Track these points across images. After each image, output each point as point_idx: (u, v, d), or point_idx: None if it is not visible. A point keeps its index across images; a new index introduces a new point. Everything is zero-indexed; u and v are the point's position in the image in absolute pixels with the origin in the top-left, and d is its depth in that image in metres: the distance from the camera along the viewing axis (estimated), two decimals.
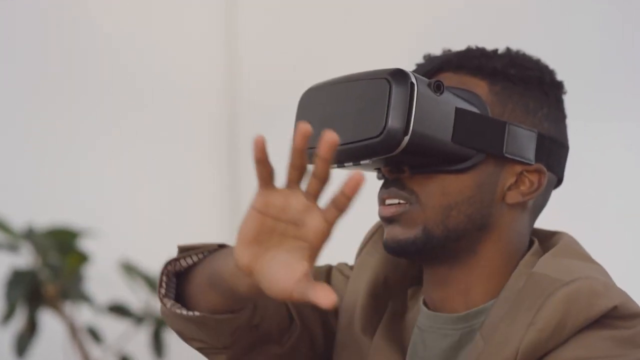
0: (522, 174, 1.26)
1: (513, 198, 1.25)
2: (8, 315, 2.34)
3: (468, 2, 2.49)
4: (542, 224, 1.35)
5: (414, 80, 1.18)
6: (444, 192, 1.23)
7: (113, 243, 2.48)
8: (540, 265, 1.21)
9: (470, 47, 1.30)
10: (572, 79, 1.42)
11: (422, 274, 1.35)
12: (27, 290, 2.33)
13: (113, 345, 2.48)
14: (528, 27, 2.38)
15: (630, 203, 2.25)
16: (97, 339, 2.43)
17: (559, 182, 1.32)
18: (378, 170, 1.29)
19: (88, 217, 2.53)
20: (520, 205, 1.26)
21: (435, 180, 1.23)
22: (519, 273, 1.24)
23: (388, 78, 1.19)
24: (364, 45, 2.63)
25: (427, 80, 1.20)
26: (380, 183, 1.29)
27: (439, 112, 1.20)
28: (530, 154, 1.25)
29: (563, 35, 2.34)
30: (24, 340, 2.36)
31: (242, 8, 2.88)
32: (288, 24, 2.82)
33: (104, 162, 2.70)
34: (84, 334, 2.42)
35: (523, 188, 1.26)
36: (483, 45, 1.31)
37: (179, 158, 2.84)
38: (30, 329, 2.36)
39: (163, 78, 2.82)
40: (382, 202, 1.26)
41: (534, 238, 1.30)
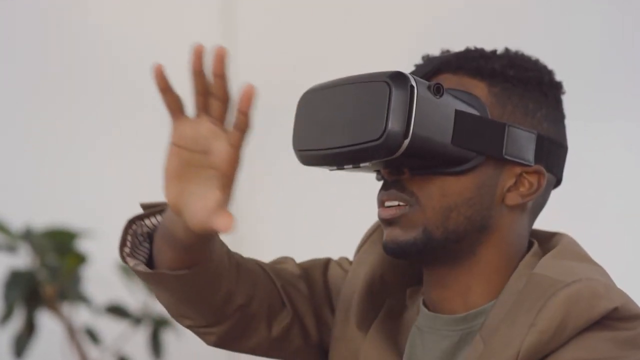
0: (521, 176, 1.26)
1: (513, 199, 1.25)
2: (6, 316, 2.34)
3: (468, 2, 2.49)
4: (541, 224, 1.35)
5: (414, 83, 1.18)
6: (444, 193, 1.23)
7: (111, 244, 2.48)
8: (541, 267, 1.21)
9: (469, 48, 1.30)
10: (572, 79, 1.42)
11: (421, 274, 1.35)
12: (25, 291, 2.33)
13: (111, 346, 2.48)
14: (528, 27, 2.38)
15: (630, 203, 2.25)
16: (95, 340, 2.43)
17: (558, 182, 1.32)
18: (377, 172, 1.29)
19: (87, 217, 2.53)
20: (520, 207, 1.27)
21: (435, 182, 1.23)
22: (519, 274, 1.24)
23: (388, 81, 1.18)
24: (364, 46, 2.62)
25: (426, 83, 1.20)
26: (380, 184, 1.29)
27: (439, 114, 1.20)
28: (530, 155, 1.25)
29: (563, 35, 2.34)
30: (23, 341, 2.36)
31: (240, 9, 2.88)
32: (287, 25, 2.82)
33: (103, 162, 2.69)
34: (82, 335, 2.42)
35: (522, 189, 1.26)
36: (483, 46, 1.31)
37: None
38: (29, 330, 2.36)
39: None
40: (381, 204, 1.26)
41: (533, 239, 1.30)
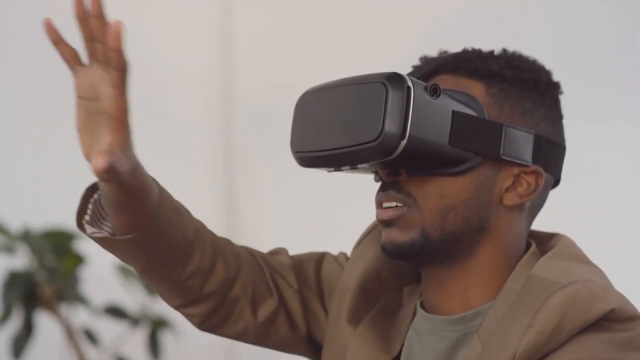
0: (519, 176, 1.26)
1: (510, 200, 1.25)
2: (4, 317, 2.34)
3: (468, 2, 2.48)
4: (540, 224, 1.34)
5: (410, 84, 1.18)
6: (442, 194, 1.23)
7: None
8: (539, 268, 1.21)
9: (467, 48, 1.30)
10: (571, 79, 1.42)
11: (419, 273, 1.35)
12: (23, 292, 2.33)
13: (109, 347, 2.48)
14: (528, 27, 2.38)
15: (629, 203, 2.25)
16: (93, 341, 2.43)
17: (557, 182, 1.32)
18: (375, 173, 1.30)
19: None
20: (518, 207, 1.27)
21: (433, 183, 1.23)
22: (517, 275, 1.25)
23: (384, 82, 1.19)
24: (364, 47, 2.62)
25: (423, 84, 1.20)
26: (378, 185, 1.29)
27: (436, 115, 1.20)
28: (527, 156, 1.25)
29: (563, 36, 2.33)
30: (21, 342, 2.35)
31: (237, 10, 2.88)
32: (286, 26, 2.81)
33: None
34: (80, 336, 2.41)
35: (520, 190, 1.26)
36: (483, 46, 1.31)
37: (175, 160, 2.83)
38: (27, 330, 2.36)
39: (158, 81, 2.81)
40: (379, 205, 1.26)
41: (531, 240, 1.30)
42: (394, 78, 1.18)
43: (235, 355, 2.86)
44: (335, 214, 2.60)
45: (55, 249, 2.35)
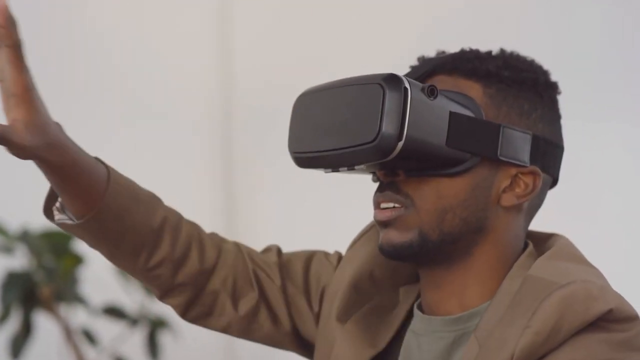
0: (517, 176, 1.26)
1: (508, 200, 1.25)
2: (3, 317, 2.34)
3: (468, 2, 2.48)
4: (539, 224, 1.34)
5: (407, 85, 1.18)
6: (439, 195, 1.23)
7: None
8: (536, 268, 1.21)
9: (464, 49, 1.30)
10: (570, 80, 1.42)
11: (415, 272, 1.35)
12: (22, 292, 2.33)
13: (108, 347, 2.48)
14: (527, 27, 2.37)
15: (628, 203, 2.25)
16: (92, 341, 2.43)
17: (555, 182, 1.32)
18: (373, 174, 1.30)
19: None
20: (516, 208, 1.27)
21: (430, 184, 1.23)
22: (513, 275, 1.25)
23: (381, 83, 1.19)
24: (362, 47, 2.62)
25: (420, 85, 1.20)
26: (377, 186, 1.29)
27: (433, 116, 1.20)
28: (525, 156, 1.25)
29: (562, 36, 2.33)
30: (19, 342, 2.35)
31: (237, 11, 2.88)
32: (284, 26, 2.81)
33: None
34: (79, 336, 2.41)
35: (518, 190, 1.26)
36: (483, 46, 1.31)
37: (175, 160, 2.83)
38: (25, 331, 2.36)
39: (158, 81, 2.82)
40: (377, 205, 1.27)
41: (529, 240, 1.30)
42: (391, 79, 1.19)
43: (234, 355, 2.86)
44: (335, 215, 2.60)
45: (54, 249, 2.35)
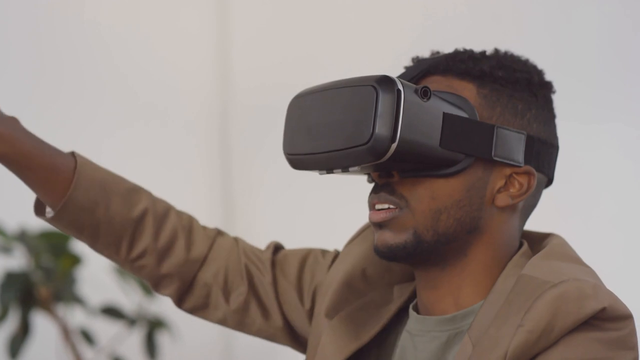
0: (511, 177, 1.26)
1: (502, 201, 1.26)
2: (1, 317, 2.33)
3: (466, 1, 2.47)
4: (535, 224, 1.35)
5: (401, 87, 1.18)
6: (433, 196, 1.23)
7: None
8: (529, 268, 1.21)
9: (458, 49, 1.30)
10: (567, 80, 1.42)
11: (409, 272, 1.36)
12: (20, 292, 2.33)
13: (106, 347, 2.48)
14: (525, 28, 2.37)
15: (624, 204, 2.25)
16: (89, 341, 2.42)
17: (550, 181, 1.32)
18: (368, 175, 1.30)
19: None
20: (510, 208, 1.27)
21: (425, 185, 1.24)
22: (507, 274, 1.25)
23: (374, 85, 1.19)
24: (360, 46, 2.62)
25: (413, 87, 1.20)
26: (371, 186, 1.29)
27: (426, 118, 1.20)
28: (519, 156, 1.25)
29: (560, 36, 2.33)
30: (17, 342, 2.35)
31: (234, 10, 2.88)
32: (281, 26, 2.81)
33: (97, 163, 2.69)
34: (77, 336, 2.41)
35: (512, 190, 1.26)
36: (480, 45, 1.31)
37: (171, 160, 2.83)
38: (23, 331, 2.36)
39: (155, 80, 2.82)
40: (372, 206, 1.27)
41: (524, 240, 1.31)
42: (384, 81, 1.19)
43: (232, 355, 2.86)
44: (333, 215, 2.60)
45: (52, 250, 2.35)
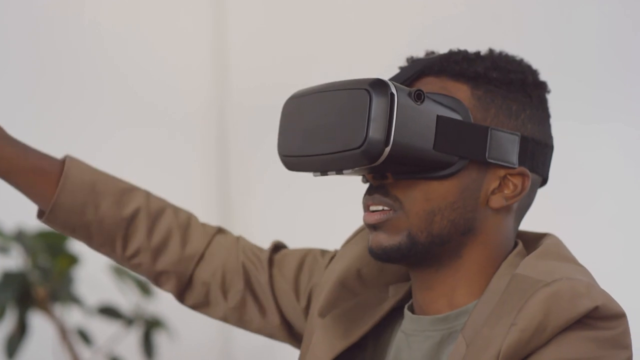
0: (505, 178, 1.26)
1: (497, 202, 1.26)
2: None
3: (466, 1, 2.47)
4: (535, 224, 1.35)
5: (394, 91, 1.18)
6: (427, 198, 1.24)
7: None
8: (523, 267, 1.21)
9: (453, 50, 1.30)
10: (565, 80, 1.41)
11: (404, 272, 1.36)
12: (17, 292, 2.33)
13: (103, 347, 2.48)
14: (524, 28, 2.37)
15: (623, 204, 2.25)
16: (87, 341, 2.42)
17: (544, 181, 1.33)
18: (362, 176, 1.30)
19: None
20: (505, 209, 1.27)
21: (419, 187, 1.24)
22: (501, 274, 1.25)
23: (368, 89, 1.18)
24: (356, 46, 2.62)
25: (407, 90, 1.20)
26: (365, 187, 1.30)
27: (420, 121, 1.20)
28: (514, 158, 1.25)
29: (560, 36, 2.33)
30: (14, 342, 2.35)
31: (230, 10, 2.88)
32: (278, 26, 2.81)
33: (94, 164, 2.69)
34: (74, 336, 2.41)
35: (507, 192, 1.26)
36: (479, 45, 1.31)
37: (169, 161, 2.83)
38: (20, 331, 2.36)
39: (152, 80, 2.82)
40: (366, 208, 1.27)
41: (519, 240, 1.31)
42: (378, 84, 1.18)
43: (229, 355, 2.86)
44: (331, 215, 2.60)
45: (49, 249, 2.35)
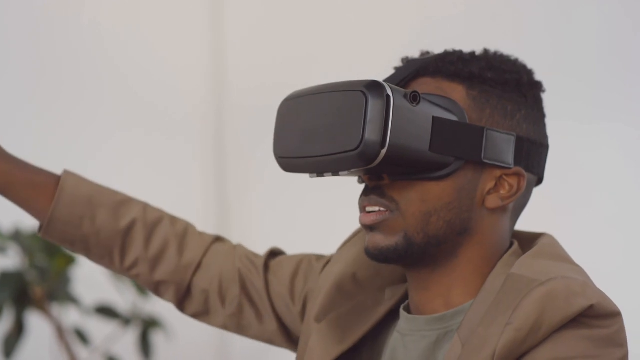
0: (501, 178, 1.27)
1: (493, 202, 1.26)
2: None
3: (466, 1, 2.47)
4: (535, 224, 1.35)
5: (390, 92, 1.18)
6: (424, 199, 1.24)
7: None
8: (518, 267, 1.22)
9: (448, 50, 1.31)
10: (568, 80, 1.41)
11: (400, 274, 1.36)
12: (14, 292, 2.33)
13: (100, 347, 2.48)
14: (523, 28, 2.37)
15: (623, 204, 2.25)
16: (84, 340, 2.43)
17: (540, 181, 1.33)
18: (359, 177, 1.30)
19: None
20: (501, 209, 1.27)
21: (415, 188, 1.24)
22: (497, 273, 1.26)
23: (364, 90, 1.18)
24: (355, 46, 2.62)
25: (403, 91, 1.20)
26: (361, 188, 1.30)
27: (416, 122, 1.20)
28: (509, 158, 1.26)
29: (560, 36, 2.33)
30: (12, 342, 2.35)
31: (229, 11, 2.88)
32: (275, 26, 2.81)
33: (95, 165, 2.69)
34: (72, 335, 2.41)
35: (503, 192, 1.27)
36: (478, 45, 1.32)
37: (167, 162, 2.83)
38: (18, 330, 2.36)
39: (150, 80, 2.82)
40: (362, 209, 1.27)
41: (514, 240, 1.31)
42: (373, 86, 1.18)
43: (227, 355, 2.86)
44: (330, 218, 2.60)
45: (46, 249, 2.35)
